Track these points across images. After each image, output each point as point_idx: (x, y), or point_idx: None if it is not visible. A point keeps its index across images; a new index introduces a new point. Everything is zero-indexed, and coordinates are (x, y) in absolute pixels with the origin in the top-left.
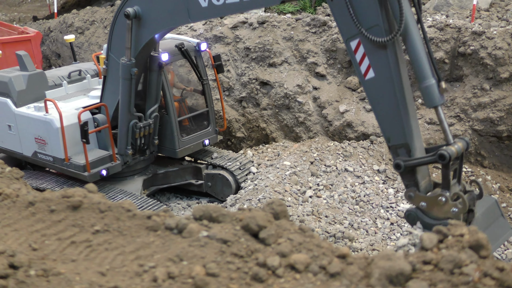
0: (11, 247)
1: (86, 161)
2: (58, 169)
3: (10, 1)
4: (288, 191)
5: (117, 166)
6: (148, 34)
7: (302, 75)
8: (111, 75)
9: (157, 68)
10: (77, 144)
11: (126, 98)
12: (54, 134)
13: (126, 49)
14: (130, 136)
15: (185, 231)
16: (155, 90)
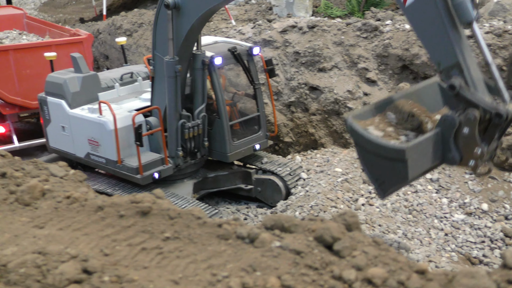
0: (83, 251)
1: (139, 163)
2: (111, 171)
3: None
4: (341, 199)
5: (169, 169)
6: (187, 22)
7: (352, 80)
8: (159, 75)
9: (200, 66)
10: (130, 146)
11: (173, 97)
12: (107, 136)
13: (168, 41)
14: (180, 137)
15: (257, 240)
16: (201, 89)
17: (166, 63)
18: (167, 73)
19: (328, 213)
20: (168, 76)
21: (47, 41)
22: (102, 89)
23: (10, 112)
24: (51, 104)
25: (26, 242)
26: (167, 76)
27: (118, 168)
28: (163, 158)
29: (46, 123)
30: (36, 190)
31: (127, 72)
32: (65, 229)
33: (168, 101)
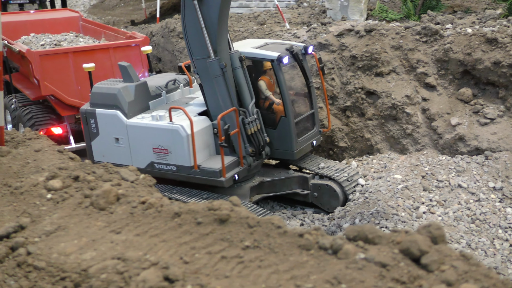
0: (163, 258)
1: (222, 166)
2: (183, 178)
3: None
4: (401, 206)
5: (244, 170)
6: (214, 9)
7: (410, 85)
8: (205, 79)
9: (239, 63)
10: (202, 150)
11: (226, 95)
12: (181, 142)
13: (202, 31)
14: (244, 134)
15: (340, 252)
16: (246, 86)
17: (209, 64)
18: (213, 73)
19: (390, 220)
20: (215, 76)
21: (105, 44)
22: (151, 97)
23: (68, 113)
24: (101, 115)
25: (104, 247)
26: (213, 76)
27: (194, 173)
28: (239, 159)
29: (92, 137)
30: (111, 195)
31: (171, 80)
32: (142, 235)
33: (222, 100)
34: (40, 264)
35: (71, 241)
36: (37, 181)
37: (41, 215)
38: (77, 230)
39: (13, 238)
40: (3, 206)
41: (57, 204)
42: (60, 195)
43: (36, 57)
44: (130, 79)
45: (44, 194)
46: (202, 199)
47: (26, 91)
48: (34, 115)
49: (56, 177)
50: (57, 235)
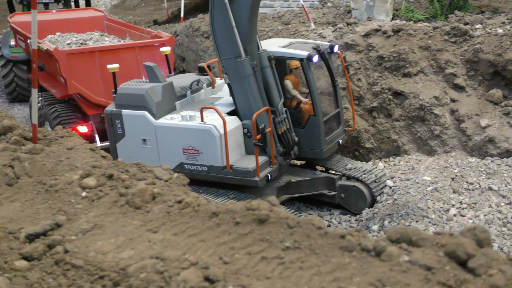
0: (202, 258)
1: (256, 165)
2: (214, 178)
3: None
4: (431, 208)
5: (276, 170)
6: (245, 8)
7: (439, 86)
8: (234, 78)
9: (268, 63)
10: (233, 150)
11: (257, 94)
12: (213, 142)
13: (233, 30)
14: (275, 133)
15: (383, 254)
16: (274, 85)
17: (240, 63)
18: (244, 73)
19: (421, 223)
20: (246, 75)
21: (131, 43)
22: (177, 97)
23: (94, 112)
24: (128, 117)
25: (141, 246)
26: (244, 75)
27: (226, 173)
28: (269, 159)
29: (116, 139)
30: (147, 194)
31: (195, 80)
32: (179, 235)
33: (252, 100)
34: (78, 262)
35: (108, 239)
36: (71, 179)
37: (77, 213)
38: (113, 228)
39: (50, 235)
40: (38, 204)
41: (92, 202)
42: (95, 193)
43: (63, 56)
44: (157, 79)
45: (79, 192)
46: (229, 199)
47: (52, 89)
48: (60, 113)
49: (90, 175)
50: (93, 233)
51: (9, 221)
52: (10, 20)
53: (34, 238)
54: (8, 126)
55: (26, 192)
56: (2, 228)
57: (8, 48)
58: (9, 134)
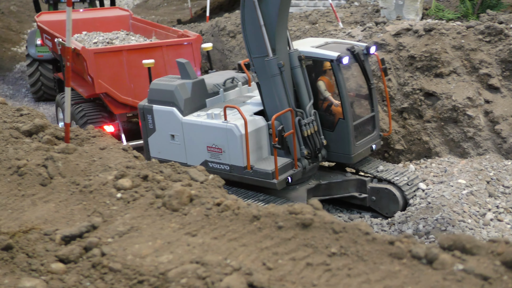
0: (245, 264)
1: (275, 167)
2: (236, 178)
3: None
4: (467, 212)
5: (298, 173)
6: (274, 7)
7: (472, 87)
8: (263, 77)
9: (298, 63)
10: (256, 151)
11: (283, 95)
12: (235, 142)
13: (261, 28)
14: (300, 135)
15: (436, 262)
16: (304, 86)
17: (267, 62)
18: (270, 72)
19: (457, 227)
20: (272, 75)
21: (158, 42)
22: (209, 95)
23: (120, 111)
24: (158, 112)
25: (180, 250)
26: (271, 75)
27: (246, 174)
28: (293, 161)
29: (148, 133)
30: (184, 196)
31: (229, 77)
32: (220, 239)
33: (278, 100)
34: (116, 266)
35: (145, 242)
36: (106, 180)
37: (113, 215)
38: (150, 231)
39: (86, 238)
40: (73, 205)
41: (128, 204)
42: (131, 194)
43: (91, 55)
44: (188, 76)
45: (114, 193)
46: (258, 200)
47: (79, 88)
48: (87, 113)
49: (125, 176)
50: (130, 236)
51: (44, 222)
52: (37, 19)
53: (70, 240)
54: (40, 125)
55: (60, 192)
56: (37, 229)
57: (34, 47)
58: (41, 133)
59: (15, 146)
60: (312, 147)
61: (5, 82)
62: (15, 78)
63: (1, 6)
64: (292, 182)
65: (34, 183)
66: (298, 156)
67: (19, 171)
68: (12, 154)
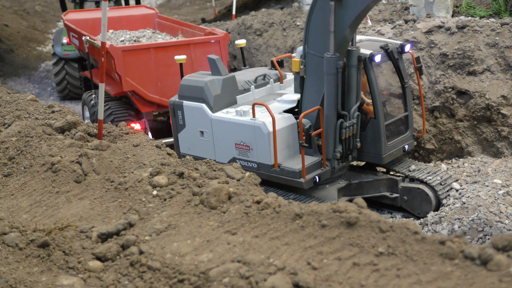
0: (289, 263)
1: (302, 166)
2: (264, 176)
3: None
4: (504, 213)
5: (327, 172)
6: (351, 14)
7: (507, 85)
8: (311, 74)
9: (356, 63)
10: (283, 149)
11: (333, 95)
12: (262, 139)
13: (330, 35)
14: (338, 137)
15: (491, 263)
16: (355, 87)
17: (326, 59)
18: (327, 70)
19: (495, 228)
20: (328, 73)
21: (186, 40)
22: (239, 91)
23: (147, 110)
24: (188, 108)
25: (220, 248)
26: (327, 73)
27: (274, 172)
28: (321, 161)
29: (179, 129)
30: (222, 193)
31: (261, 74)
32: (261, 237)
33: (326, 100)
34: (155, 264)
35: (184, 241)
36: (141, 177)
37: (149, 213)
38: (188, 229)
39: (123, 235)
40: (108, 202)
41: (164, 201)
42: (167, 191)
43: (118, 53)
44: (218, 72)
45: (150, 191)
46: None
47: (106, 86)
48: (114, 111)
49: (161, 173)
50: (168, 234)
51: (79, 219)
52: (64, 17)
53: (107, 237)
54: (72, 122)
55: (95, 189)
56: (73, 227)
57: (60, 46)
58: (73, 130)
59: (48, 142)
60: (345, 149)
61: (31, 81)
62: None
63: (26, 6)
64: (320, 182)
65: (69, 180)
66: (329, 157)
67: (53, 167)
68: (45, 151)
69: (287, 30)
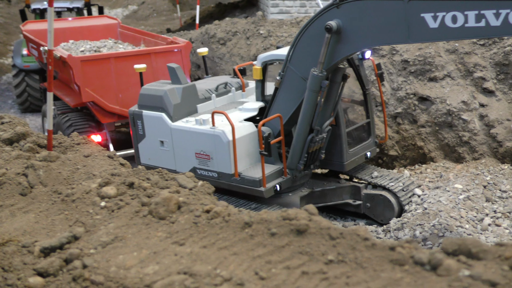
0: (236, 273)
1: (262, 175)
2: (224, 185)
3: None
4: (464, 218)
5: (288, 181)
6: (348, 50)
7: (467, 90)
8: (286, 87)
9: (340, 80)
10: (244, 158)
11: (310, 112)
12: (222, 148)
13: (318, 63)
14: (305, 150)
15: (440, 268)
16: (333, 103)
17: (312, 76)
18: (310, 87)
19: (455, 233)
20: (311, 90)
21: (147, 49)
22: (200, 100)
23: (108, 120)
24: (148, 118)
25: (167, 260)
26: (309, 89)
27: (234, 181)
28: (282, 169)
29: (139, 139)
30: (172, 203)
31: (222, 83)
32: (209, 247)
33: (302, 115)
34: (98, 278)
35: (130, 253)
36: (89, 188)
37: (96, 225)
38: (136, 241)
39: (67, 249)
40: (54, 215)
41: (112, 213)
42: (115, 203)
43: (77, 63)
44: (178, 81)
45: (98, 202)
46: (250, 209)
47: (65, 98)
48: (74, 122)
49: (110, 183)
50: (114, 246)
51: (22, 234)
52: (23, 28)
53: (50, 252)
54: (21, 133)
55: (41, 202)
56: (15, 242)
57: (20, 58)
58: (22, 141)
59: None
60: (310, 161)
61: None
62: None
63: None
64: (281, 190)
65: (13, 193)
66: (292, 167)
67: None
68: None
69: (250, 39)
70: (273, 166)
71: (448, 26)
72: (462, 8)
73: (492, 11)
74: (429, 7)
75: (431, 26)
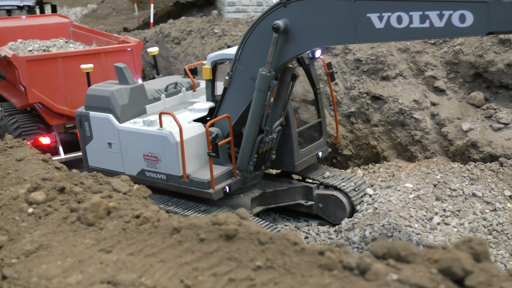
0: (161, 282)
1: (211, 177)
2: (173, 188)
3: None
4: (414, 217)
5: (238, 182)
6: (296, 50)
7: (418, 89)
8: (235, 87)
9: (289, 80)
10: (193, 160)
11: (259, 112)
12: (170, 150)
13: (267, 63)
14: (255, 151)
15: (369, 272)
16: (283, 103)
17: (261, 76)
18: (259, 87)
19: (404, 232)
20: (259, 90)
21: (96, 49)
22: (149, 101)
23: (56, 122)
24: (95, 119)
25: (92, 268)
26: (258, 89)
27: (183, 183)
28: (232, 170)
29: (86, 141)
30: (101, 208)
31: (172, 83)
32: (136, 254)
33: (251, 115)
34: None
35: (54, 262)
36: (17, 194)
37: (21, 232)
38: (61, 249)
39: None
40: None
41: (39, 220)
42: (43, 209)
43: (22, 63)
44: (126, 81)
45: (25, 208)
46: (199, 211)
47: (12, 99)
48: (21, 124)
49: (39, 188)
50: (38, 255)
51: None
52: None
53: None
54: None
55: None
56: None
57: None
58: None
59: None
60: (260, 162)
61: None
62: None
63: None
64: (232, 192)
65: None
66: (242, 168)
67: None
68: None
69: (205, 38)
70: (222, 167)
71: (393, 27)
72: (407, 8)
73: (436, 12)
74: (375, 7)
75: (377, 27)
